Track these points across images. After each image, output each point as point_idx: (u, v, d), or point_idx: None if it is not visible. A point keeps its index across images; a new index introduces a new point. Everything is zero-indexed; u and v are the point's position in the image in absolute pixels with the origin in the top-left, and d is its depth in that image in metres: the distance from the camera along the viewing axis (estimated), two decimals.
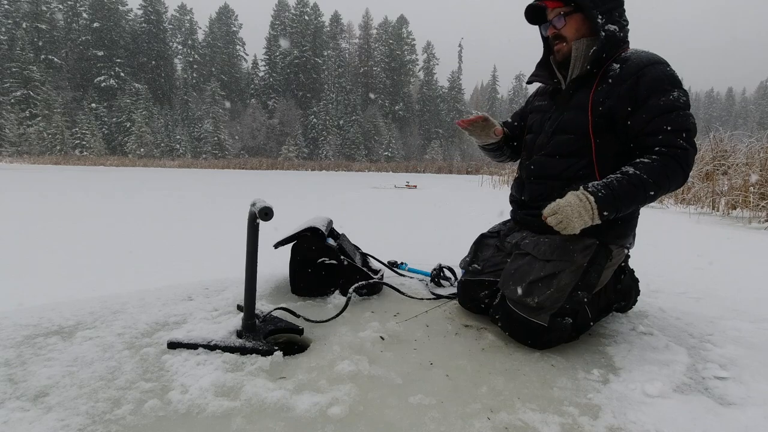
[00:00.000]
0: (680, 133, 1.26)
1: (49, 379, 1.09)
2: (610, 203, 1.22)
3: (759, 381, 1.18)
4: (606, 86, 1.34)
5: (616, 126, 1.34)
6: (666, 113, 1.27)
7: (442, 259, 2.17)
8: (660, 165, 1.24)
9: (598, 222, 1.24)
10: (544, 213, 1.27)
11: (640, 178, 1.23)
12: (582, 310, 1.38)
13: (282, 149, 48.66)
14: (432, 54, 63.55)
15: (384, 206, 6.90)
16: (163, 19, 55.37)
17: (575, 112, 1.39)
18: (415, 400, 1.05)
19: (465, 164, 40.32)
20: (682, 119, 1.27)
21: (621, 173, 1.26)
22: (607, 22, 1.34)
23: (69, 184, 10.61)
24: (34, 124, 40.58)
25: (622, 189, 1.22)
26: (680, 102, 1.28)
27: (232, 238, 3.03)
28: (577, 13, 1.37)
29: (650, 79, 1.29)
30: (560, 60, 1.45)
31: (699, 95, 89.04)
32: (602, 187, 1.23)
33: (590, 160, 1.37)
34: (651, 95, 1.29)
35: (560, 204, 1.24)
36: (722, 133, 7.02)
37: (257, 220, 1.23)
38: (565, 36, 1.41)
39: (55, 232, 3.64)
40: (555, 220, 1.23)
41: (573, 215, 1.21)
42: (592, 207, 1.21)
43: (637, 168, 1.25)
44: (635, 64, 1.32)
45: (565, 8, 1.38)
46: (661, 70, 1.31)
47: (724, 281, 2.30)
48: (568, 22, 1.39)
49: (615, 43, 1.36)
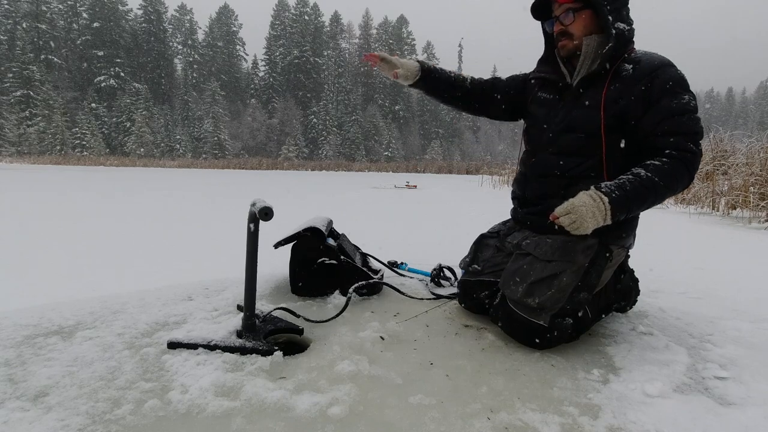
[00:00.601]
0: (690, 137, 1.27)
1: (49, 379, 1.09)
2: (623, 204, 1.21)
3: (759, 381, 1.18)
4: (619, 85, 1.33)
5: (625, 126, 1.34)
6: (677, 116, 1.27)
7: (442, 259, 2.17)
8: (670, 168, 1.24)
9: (609, 223, 1.22)
10: (556, 212, 1.23)
11: (652, 180, 1.23)
12: (582, 311, 1.38)
13: (282, 149, 48.67)
14: (432, 54, 63.59)
15: (384, 206, 6.90)
16: (163, 19, 55.42)
17: (586, 111, 1.37)
18: (415, 400, 1.05)
19: (465, 164, 40.29)
20: (692, 123, 1.28)
21: (633, 175, 1.25)
22: (617, 20, 1.33)
23: (69, 184, 10.61)
24: (34, 124, 40.59)
25: (635, 191, 1.22)
26: (691, 105, 1.28)
27: (232, 238, 3.03)
28: (587, 10, 1.35)
29: (663, 81, 1.29)
30: (565, 56, 1.44)
31: (699, 95, 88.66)
32: (616, 188, 1.22)
33: (599, 159, 1.36)
34: (663, 97, 1.29)
35: (574, 204, 1.21)
36: (722, 133, 7.02)
37: (257, 220, 1.23)
38: (572, 33, 1.38)
39: (55, 231, 3.64)
40: (568, 220, 1.21)
41: (587, 215, 1.19)
42: (606, 208, 1.20)
43: (649, 170, 1.25)
44: (649, 65, 1.32)
45: (575, 4, 1.35)
46: (673, 73, 1.31)
47: (724, 281, 2.30)
48: (576, 19, 1.36)
49: (624, 42, 1.34)
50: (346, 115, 54.18)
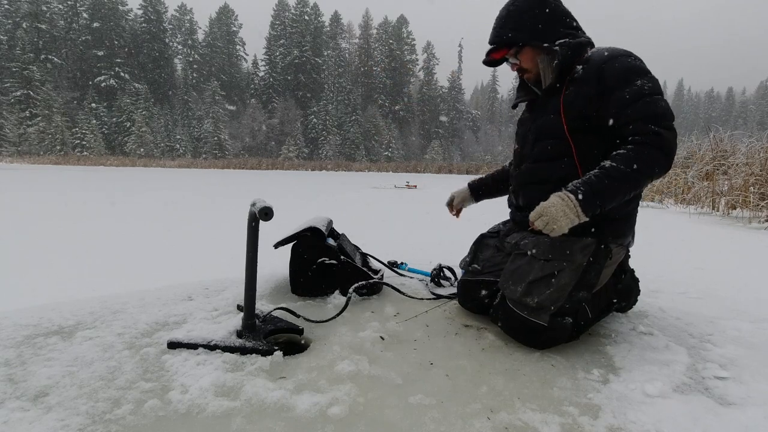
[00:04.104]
0: (650, 119, 1.27)
1: (49, 379, 1.09)
2: (591, 198, 1.23)
3: (759, 381, 1.18)
4: (573, 88, 1.38)
5: (593, 124, 1.37)
6: (632, 103, 1.29)
7: (442, 259, 2.17)
8: (635, 153, 1.25)
9: (585, 219, 1.25)
10: (530, 217, 1.29)
11: (617, 169, 1.25)
12: (582, 310, 1.38)
13: (282, 149, 48.67)
14: (432, 54, 63.57)
15: (384, 206, 6.90)
16: (163, 19, 55.43)
17: (550, 118, 1.43)
18: (415, 400, 1.05)
19: (465, 164, 40.31)
20: (649, 105, 1.28)
21: (599, 168, 1.28)
22: (555, 39, 1.40)
23: (69, 184, 10.61)
24: (34, 124, 40.61)
25: (600, 183, 1.24)
26: (645, 89, 1.29)
27: (232, 238, 3.03)
28: (526, 47, 1.45)
29: (612, 73, 1.32)
30: (531, 81, 1.54)
31: (699, 95, 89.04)
32: (581, 184, 1.25)
33: (573, 161, 1.40)
34: (615, 89, 1.30)
35: (544, 206, 1.26)
36: (722, 133, 7.01)
37: (257, 220, 1.23)
38: (526, 67, 1.49)
39: (55, 232, 3.64)
40: (542, 223, 1.25)
41: (558, 215, 1.23)
42: (575, 204, 1.23)
43: (614, 160, 1.27)
44: (595, 63, 1.35)
45: (512, 50, 1.47)
46: (621, 62, 1.33)
47: (724, 281, 2.30)
48: (521, 58, 1.48)
49: (574, 50, 1.39)
50: (346, 115, 54.16)
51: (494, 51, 1.50)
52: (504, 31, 1.45)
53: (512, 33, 1.44)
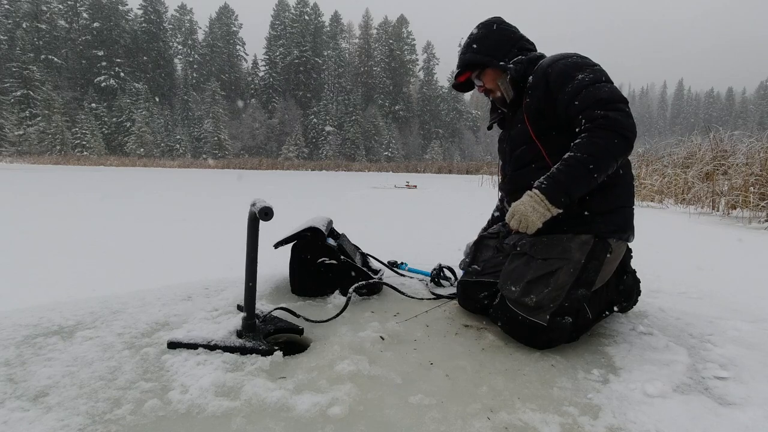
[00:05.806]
0: (596, 105, 1.32)
1: (49, 379, 1.09)
2: (556, 189, 1.30)
3: (759, 381, 1.18)
4: (529, 98, 1.49)
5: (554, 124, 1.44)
6: (576, 95, 1.35)
7: (442, 259, 2.17)
8: (588, 139, 1.31)
9: (557, 211, 1.31)
10: (506, 220, 1.37)
11: (575, 157, 1.30)
12: (582, 309, 1.38)
13: (282, 149, 48.68)
14: (432, 54, 63.59)
15: (384, 206, 6.90)
16: (163, 19, 55.42)
17: (518, 127, 1.54)
18: (415, 400, 1.05)
19: (465, 164, 40.29)
20: (591, 93, 1.34)
21: (561, 160, 1.34)
22: (510, 59, 1.53)
23: (69, 184, 10.61)
24: (34, 124, 40.59)
25: (561, 173, 1.30)
26: (586, 80, 1.36)
27: (232, 238, 3.03)
28: (487, 69, 1.59)
29: (554, 77, 1.41)
30: (500, 102, 1.64)
31: (699, 95, 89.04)
32: (545, 178, 1.33)
33: (545, 162, 1.47)
34: (560, 90, 1.39)
35: (515, 206, 1.34)
36: (722, 133, 7.01)
37: (257, 220, 1.23)
38: (490, 88, 1.61)
39: (55, 231, 3.64)
40: (515, 222, 1.33)
41: (528, 211, 1.30)
42: (542, 198, 1.30)
43: (572, 150, 1.33)
44: (541, 71, 1.45)
45: (474, 72, 1.62)
46: (561, 65, 1.41)
47: (724, 281, 2.30)
48: (484, 80, 1.61)
49: (527, 65, 1.51)
50: (346, 115, 54.16)
51: (459, 74, 1.65)
52: (466, 56, 1.59)
53: (471, 56, 1.57)
